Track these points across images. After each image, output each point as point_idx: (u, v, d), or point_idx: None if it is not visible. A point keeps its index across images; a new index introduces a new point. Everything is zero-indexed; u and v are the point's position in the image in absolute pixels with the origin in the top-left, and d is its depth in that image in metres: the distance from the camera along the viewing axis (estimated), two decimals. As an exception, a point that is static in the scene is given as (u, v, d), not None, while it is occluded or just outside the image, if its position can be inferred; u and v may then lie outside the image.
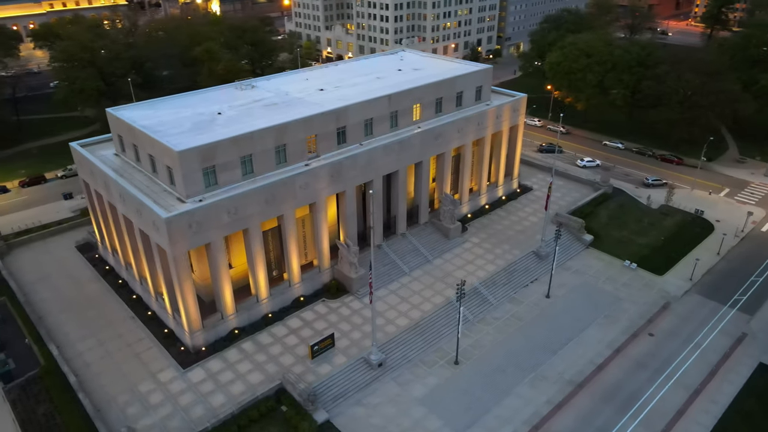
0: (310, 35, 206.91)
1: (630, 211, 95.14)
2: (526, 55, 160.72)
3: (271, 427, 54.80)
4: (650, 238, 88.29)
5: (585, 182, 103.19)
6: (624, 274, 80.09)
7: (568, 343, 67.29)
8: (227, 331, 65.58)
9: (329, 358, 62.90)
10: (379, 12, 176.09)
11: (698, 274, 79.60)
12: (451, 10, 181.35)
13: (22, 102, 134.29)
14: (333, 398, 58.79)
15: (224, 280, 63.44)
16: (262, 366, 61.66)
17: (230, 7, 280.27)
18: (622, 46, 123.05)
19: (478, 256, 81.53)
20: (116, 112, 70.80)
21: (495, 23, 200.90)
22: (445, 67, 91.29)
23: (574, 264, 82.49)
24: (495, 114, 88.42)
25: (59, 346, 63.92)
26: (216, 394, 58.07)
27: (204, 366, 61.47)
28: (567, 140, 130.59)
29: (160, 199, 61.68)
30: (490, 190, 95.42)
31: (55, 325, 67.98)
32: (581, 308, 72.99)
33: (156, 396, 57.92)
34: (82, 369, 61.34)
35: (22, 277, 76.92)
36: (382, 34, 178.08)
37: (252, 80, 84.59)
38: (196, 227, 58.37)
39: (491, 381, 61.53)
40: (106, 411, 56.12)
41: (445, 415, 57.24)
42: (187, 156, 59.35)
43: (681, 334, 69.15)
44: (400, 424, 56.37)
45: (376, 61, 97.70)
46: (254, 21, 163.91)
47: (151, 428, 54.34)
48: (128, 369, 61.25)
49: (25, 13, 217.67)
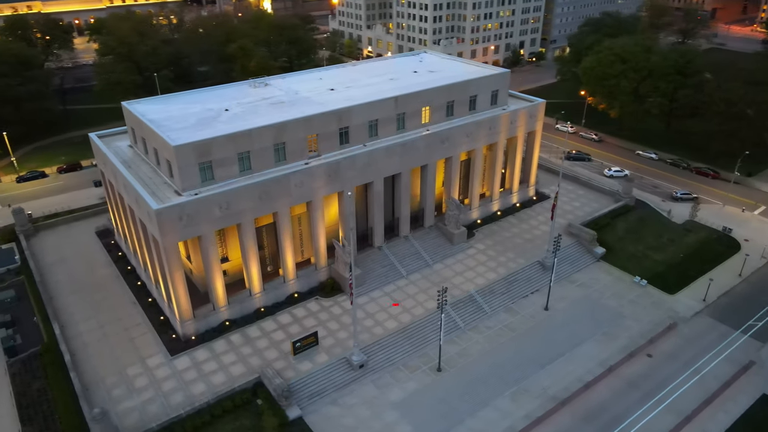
0: (352, 34, 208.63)
1: (650, 225, 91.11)
2: (564, 59, 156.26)
3: (244, 419, 55.98)
4: (668, 254, 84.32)
5: (607, 193, 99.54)
6: (632, 291, 76.92)
7: (558, 358, 65.31)
8: (218, 322, 67.37)
9: (312, 355, 63.58)
10: (418, 12, 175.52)
11: (713, 296, 75.46)
12: (492, 11, 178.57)
13: (70, 93, 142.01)
14: (309, 396, 59.44)
15: (216, 272, 65.19)
16: (246, 359, 63.03)
17: (281, 5, 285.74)
18: (660, 53, 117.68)
19: (481, 263, 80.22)
20: (130, 106, 73.87)
21: (539, 25, 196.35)
22: (462, 70, 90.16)
23: (580, 277, 79.89)
24: (509, 119, 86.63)
25: (62, 326, 67.48)
26: (197, 382, 59.83)
27: (191, 354, 63.43)
28: (599, 148, 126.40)
29: (159, 190, 64.05)
30: (504, 196, 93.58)
31: (63, 305, 71.74)
32: (579, 323, 70.66)
33: (141, 380, 60.26)
34: (79, 349, 64.51)
35: (42, 259, 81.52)
36: (421, 35, 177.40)
37: (266, 78, 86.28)
38: (186, 220, 60.24)
39: (471, 391, 60.54)
40: (94, 390, 58.86)
41: (417, 422, 56.82)
42: (183, 150, 61.29)
43: (682, 357, 65.83)
44: (370, 426, 56.38)
45: (395, 62, 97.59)
46: (294, 19, 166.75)
47: (131, 411, 56.60)
48: (121, 352, 63.96)
49: (87, 7, 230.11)
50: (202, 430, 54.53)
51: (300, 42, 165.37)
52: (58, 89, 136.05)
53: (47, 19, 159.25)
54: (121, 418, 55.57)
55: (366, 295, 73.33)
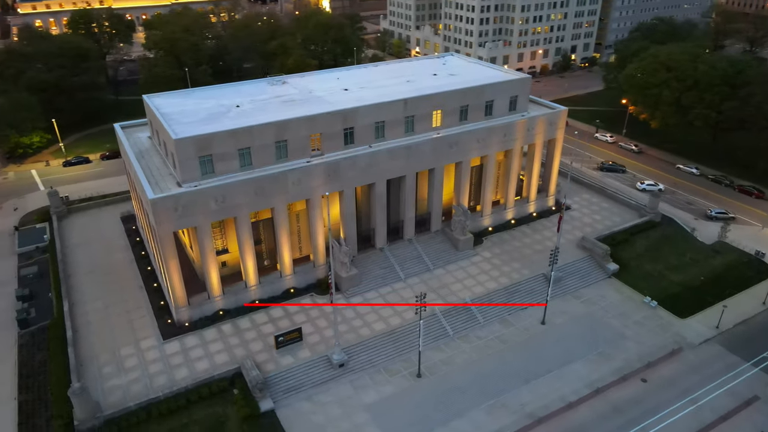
0: (401, 34, 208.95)
1: (674, 244, 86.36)
2: (609, 65, 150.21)
3: (218, 406, 57.69)
4: (687, 276, 79.73)
5: (633, 207, 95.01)
6: (639, 311, 73.31)
7: (545, 374, 63.25)
8: (213, 311, 69.59)
9: (294, 350, 64.58)
10: (464, 14, 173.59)
11: (729, 323, 70.74)
12: (542, 14, 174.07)
13: (123, 84, 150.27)
14: (286, 390, 60.46)
15: (211, 262, 67.37)
16: (231, 348, 64.82)
17: (339, 4, 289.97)
18: (709, 61, 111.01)
19: (483, 272, 78.74)
20: (148, 99, 77.39)
21: (594, 29, 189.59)
22: (484, 75, 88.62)
23: (587, 293, 76.91)
24: (525, 126, 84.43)
25: (72, 304, 71.71)
26: (182, 367, 62.14)
27: (181, 340, 65.91)
28: (637, 160, 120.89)
29: (162, 181, 66.92)
30: (520, 204, 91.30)
31: (77, 284, 76.20)
32: (575, 340, 68.10)
33: (131, 360, 63.23)
34: (83, 326, 68.39)
35: (68, 239, 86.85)
36: (467, 36, 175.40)
37: (284, 77, 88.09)
38: (182, 210, 62.60)
39: (447, 400, 59.69)
40: (87, 366, 62.29)
41: (386, 426, 56.65)
42: (184, 144, 63.73)
43: (680, 384, 62.20)
44: (338, 426, 56.74)
45: (419, 64, 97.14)
46: (341, 18, 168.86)
47: (116, 388, 59.55)
48: (119, 332, 67.31)
49: (154, 4, 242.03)
50: (176, 413, 56.61)
51: (345, 41, 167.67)
52: (112, 80, 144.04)
53: (112, 14, 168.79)
54: (105, 395, 58.61)
55: (360, 295, 73.64)
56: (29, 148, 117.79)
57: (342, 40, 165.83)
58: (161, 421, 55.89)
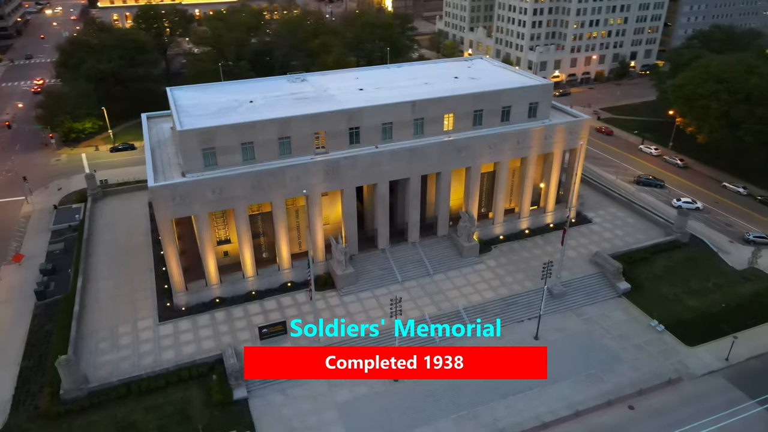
0: (455, 35, 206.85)
1: (699, 267, 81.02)
2: (660, 73, 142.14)
3: (194, 390, 59.84)
4: (707, 302, 74.66)
5: (661, 224, 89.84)
6: (643, 335, 69.40)
7: (526, 391, 61.19)
8: (210, 298, 72.13)
9: (278, 343, 65.78)
10: (517, 16, 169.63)
11: (740, 356, 65.70)
12: (599, 18, 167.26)
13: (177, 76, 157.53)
14: (262, 381, 61.71)
15: (208, 251, 69.86)
16: (220, 335, 67.02)
17: (401, 3, 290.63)
18: (763, 73, 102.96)
19: (484, 280, 77.08)
20: (171, 91, 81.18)
21: (657, 36, 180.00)
22: (507, 79, 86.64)
23: (591, 310, 73.64)
24: (542, 134, 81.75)
25: (87, 281, 76.38)
26: (170, 349, 64.93)
27: (175, 323, 68.80)
28: (680, 175, 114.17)
29: (168, 171, 70.05)
30: (536, 214, 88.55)
31: (95, 263, 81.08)
32: (566, 359, 65.36)
33: (126, 339, 66.72)
34: (91, 302, 72.74)
35: (97, 220, 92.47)
36: (518, 39, 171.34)
37: (305, 74, 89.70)
38: (180, 199, 65.33)
39: (417, 407, 59.04)
40: (86, 340, 66.32)
41: (351, 426, 56.82)
42: (187, 136, 66.51)
43: (670, 416, 58.48)
44: (305, 421, 57.47)
45: (443, 66, 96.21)
46: (388, 18, 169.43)
47: (107, 364, 63.07)
48: (121, 311, 71.12)
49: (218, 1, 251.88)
50: (154, 392, 59.16)
51: (393, 41, 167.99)
52: (166, 72, 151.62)
53: (175, 10, 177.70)
54: (96, 369, 62.24)
55: (354, 294, 74.02)
56: (81, 134, 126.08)
57: (389, 40, 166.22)
58: (139, 398, 58.65)
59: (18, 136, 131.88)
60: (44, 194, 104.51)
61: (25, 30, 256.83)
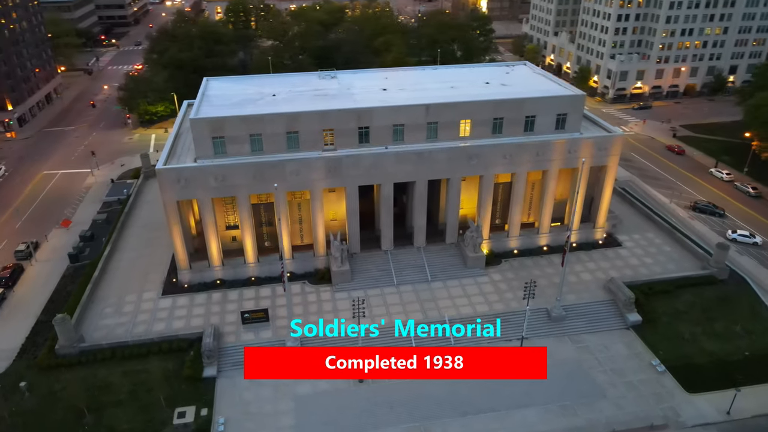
0: (539, 39, 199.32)
1: (731, 308, 72.95)
2: (743, 91, 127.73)
3: (170, 362, 63.55)
4: (728, 347, 67.13)
5: (700, 257, 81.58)
6: (640, 373, 63.80)
7: (488, 412, 58.71)
8: (211, 279, 76.03)
9: (258, 329, 68.14)
10: (600, 21, 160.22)
11: (745, 412, 58.57)
12: (693, 27, 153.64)
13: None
14: (234, 363, 64.29)
15: (211, 233, 73.64)
16: (210, 315, 70.53)
17: (497, 4, 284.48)
18: None
19: (482, 293, 74.54)
20: (206, 81, 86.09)
21: (765, 49, 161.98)
22: (540, 88, 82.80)
23: (589, 339, 68.87)
24: (565, 147, 77.28)
25: (114, 250, 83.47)
26: (162, 322, 69.44)
27: (175, 298, 73.35)
28: (749, 205, 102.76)
29: (184, 155, 74.59)
30: (558, 232, 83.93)
31: (127, 235, 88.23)
32: (543, 385, 61.66)
33: (129, 307, 72.18)
34: (111, 270, 79.38)
35: (142, 197, 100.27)
36: (599, 46, 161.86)
37: (335, 72, 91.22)
38: (184, 183, 69.46)
39: (370, 412, 58.57)
40: (95, 303, 72.58)
41: (301, 420, 57.68)
42: (198, 124, 70.49)
43: (639, 465, 53.58)
44: (261, 406, 59.17)
45: (479, 71, 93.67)
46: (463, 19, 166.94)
47: (104, 327, 68.69)
48: (133, 281, 76.94)
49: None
50: (135, 359, 63.65)
51: (467, 42, 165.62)
52: (241, 63, 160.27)
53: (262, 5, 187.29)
54: (95, 330, 68.06)
55: (346, 292, 74.59)
56: (155, 116, 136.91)
57: (463, 41, 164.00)
58: (121, 362, 63.42)
59: (104, 115, 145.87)
60: (109, 169, 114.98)
61: (143, 19, 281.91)
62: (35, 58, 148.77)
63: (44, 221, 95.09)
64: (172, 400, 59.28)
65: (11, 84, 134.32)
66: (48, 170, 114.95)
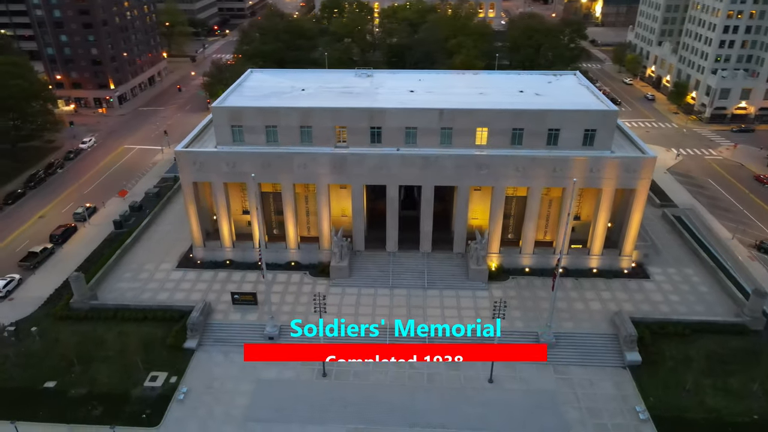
0: (642, 49, 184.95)
1: (756, 363, 64.38)
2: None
3: (160, 330, 68.57)
4: (735, 407, 59.41)
5: (740, 302, 72.34)
6: (618, 417, 58.49)
7: (437, 428, 57.08)
8: (222, 258, 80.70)
9: (246, 311, 71.41)
10: (704, 32, 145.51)
11: (728, 481, 51.66)
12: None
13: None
14: (216, 339, 68.09)
15: (222, 215, 78.13)
16: (209, 291, 75.02)
17: (613, 9, 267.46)
18: None
19: (476, 308, 72.10)
20: (250, 72, 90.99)
21: None
22: (573, 101, 78.10)
23: (576, 372, 64.16)
24: (586, 165, 72.17)
25: (152, 222, 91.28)
26: (165, 292, 75.10)
27: (185, 272, 78.88)
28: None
29: (210, 140, 79.65)
30: (578, 254, 78.69)
31: (169, 209, 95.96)
32: (507, 412, 58.80)
33: (144, 275, 78.77)
34: (144, 239, 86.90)
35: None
36: (701, 60, 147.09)
37: (372, 70, 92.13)
38: (199, 166, 74.48)
39: (321, 407, 59.28)
40: (118, 268, 80.00)
41: (254, 402, 59.83)
42: (218, 112, 75.16)
43: None
44: (224, 384, 62.18)
45: (519, 78, 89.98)
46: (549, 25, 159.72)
47: (117, 290, 75.51)
48: (156, 252, 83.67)
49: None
50: (132, 322, 69.40)
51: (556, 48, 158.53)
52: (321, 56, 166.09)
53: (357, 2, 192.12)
54: (108, 292, 75.17)
55: (341, 287, 75.69)
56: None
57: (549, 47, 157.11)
58: (120, 323, 69.55)
59: (191, 99, 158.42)
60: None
61: (260, 12, 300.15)
62: (143, 43, 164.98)
63: (109, 190, 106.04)
64: (150, 364, 64.22)
65: (116, 66, 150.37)
66: (128, 145, 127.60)
